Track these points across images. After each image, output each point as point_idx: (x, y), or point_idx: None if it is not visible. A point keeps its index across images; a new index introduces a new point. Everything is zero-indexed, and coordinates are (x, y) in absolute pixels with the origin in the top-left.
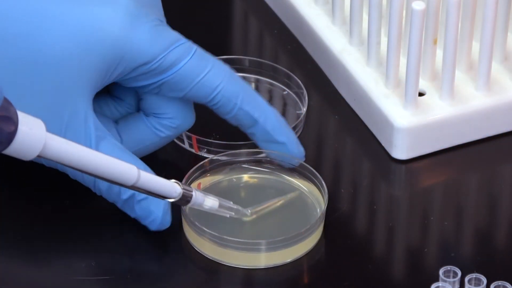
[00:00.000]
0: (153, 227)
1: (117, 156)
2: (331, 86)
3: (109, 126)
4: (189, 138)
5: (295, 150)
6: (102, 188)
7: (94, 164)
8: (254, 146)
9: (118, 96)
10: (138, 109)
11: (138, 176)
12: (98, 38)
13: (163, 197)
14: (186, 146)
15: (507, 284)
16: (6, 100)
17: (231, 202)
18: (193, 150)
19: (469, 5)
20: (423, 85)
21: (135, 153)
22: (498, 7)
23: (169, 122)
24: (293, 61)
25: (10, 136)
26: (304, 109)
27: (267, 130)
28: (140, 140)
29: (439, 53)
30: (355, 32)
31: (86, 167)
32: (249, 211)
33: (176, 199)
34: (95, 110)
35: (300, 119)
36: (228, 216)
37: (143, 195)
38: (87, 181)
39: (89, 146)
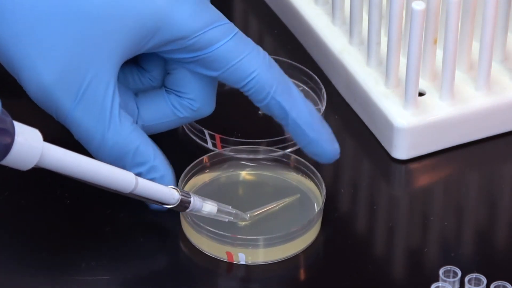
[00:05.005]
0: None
1: (127, 133)
2: (331, 86)
3: (128, 97)
4: (212, 137)
5: (328, 147)
6: (105, 160)
7: (91, 173)
8: (277, 143)
9: (145, 67)
10: (161, 84)
11: (136, 183)
12: (140, 3)
13: (161, 203)
14: (210, 145)
15: (507, 284)
16: (3, 112)
17: (230, 207)
18: (216, 150)
19: (469, 5)
20: (423, 85)
21: (150, 128)
22: (498, 7)
23: (189, 103)
24: (293, 61)
25: (7, 148)
26: (323, 105)
27: (299, 124)
28: (157, 116)
29: (439, 53)
30: (355, 32)
31: (83, 175)
32: (248, 215)
33: (174, 205)
34: (118, 79)
35: (320, 114)
36: (226, 220)
37: (151, 174)
38: (90, 146)
39: (104, 115)
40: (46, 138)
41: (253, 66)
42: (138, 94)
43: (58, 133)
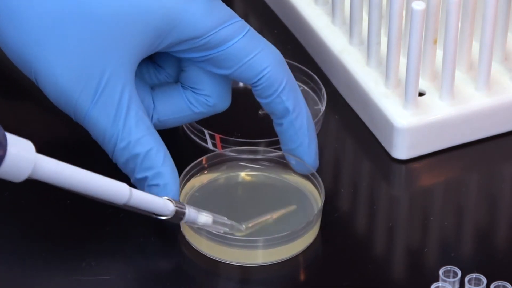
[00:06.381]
0: None
1: (140, 135)
2: (331, 86)
3: (145, 91)
4: (212, 137)
5: (312, 157)
6: (118, 161)
7: (85, 184)
8: (277, 143)
9: (161, 65)
10: (177, 80)
11: (130, 194)
12: (153, 5)
13: (155, 214)
14: (210, 145)
15: (507, 284)
16: None
17: (225, 218)
18: (216, 150)
19: (469, 5)
20: (423, 85)
21: (166, 122)
22: (498, 7)
23: (204, 99)
24: (293, 61)
25: None
26: (323, 105)
27: (294, 126)
28: (172, 110)
29: (439, 53)
30: (355, 32)
31: (76, 187)
32: (243, 226)
33: (169, 216)
34: (136, 74)
35: (321, 114)
36: (222, 232)
37: (155, 181)
38: (107, 147)
39: (119, 116)
40: (43, 137)
41: (265, 63)
42: (154, 88)
43: (55, 135)
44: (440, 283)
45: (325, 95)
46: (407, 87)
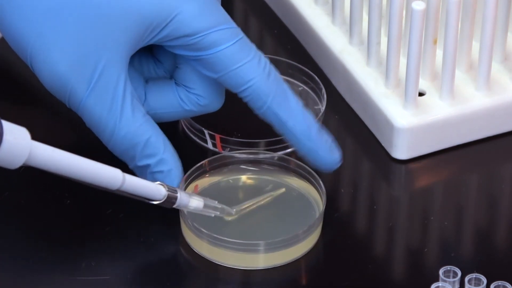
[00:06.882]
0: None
1: (138, 124)
2: (331, 86)
3: (138, 82)
4: (212, 137)
5: (326, 157)
6: (116, 149)
7: (79, 170)
8: (277, 143)
9: (159, 58)
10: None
11: (123, 180)
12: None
13: (148, 199)
14: (210, 146)
15: (507, 284)
16: None
17: (216, 202)
18: (216, 150)
19: (469, 5)
20: (423, 85)
21: (154, 115)
22: (498, 7)
23: (196, 98)
24: (293, 61)
25: None
26: (323, 105)
27: (295, 134)
28: (163, 105)
29: (439, 53)
30: (355, 32)
31: (71, 173)
32: (234, 210)
33: (161, 201)
34: (134, 65)
35: (321, 114)
36: (213, 215)
37: (159, 167)
38: (102, 136)
39: (116, 104)
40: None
41: (252, 74)
42: (148, 81)
43: (49, 131)
44: (440, 283)
45: (325, 95)
46: (407, 87)
